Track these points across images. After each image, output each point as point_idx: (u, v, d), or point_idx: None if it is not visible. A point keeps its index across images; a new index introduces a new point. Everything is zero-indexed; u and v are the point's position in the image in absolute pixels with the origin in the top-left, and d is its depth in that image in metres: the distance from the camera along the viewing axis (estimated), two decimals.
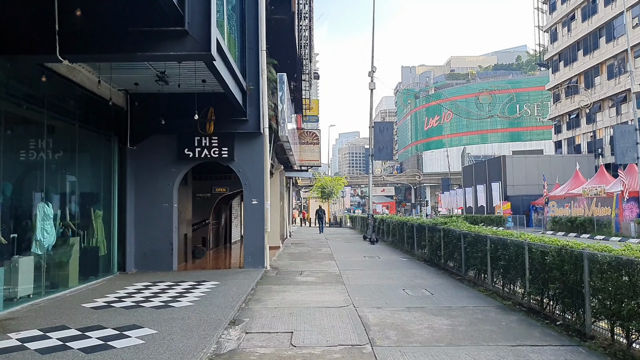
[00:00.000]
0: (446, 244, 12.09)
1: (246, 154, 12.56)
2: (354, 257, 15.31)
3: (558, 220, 30.06)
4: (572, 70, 51.77)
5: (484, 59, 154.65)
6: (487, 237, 9.23)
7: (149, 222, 12.38)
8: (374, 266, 13.13)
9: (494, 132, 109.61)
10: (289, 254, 16.68)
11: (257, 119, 12.26)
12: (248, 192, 12.55)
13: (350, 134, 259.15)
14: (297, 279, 11.00)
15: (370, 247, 18.97)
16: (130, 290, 9.27)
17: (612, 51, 44.79)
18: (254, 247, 12.40)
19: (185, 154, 12.47)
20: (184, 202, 13.80)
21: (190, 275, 11.30)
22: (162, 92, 11.46)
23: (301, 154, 24.33)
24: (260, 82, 12.31)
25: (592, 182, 29.21)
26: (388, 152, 24.32)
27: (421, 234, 14.59)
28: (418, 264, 13.44)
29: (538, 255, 7.15)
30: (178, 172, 12.61)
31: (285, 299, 8.57)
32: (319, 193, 46.19)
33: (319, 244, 21.17)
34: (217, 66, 8.51)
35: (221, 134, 12.41)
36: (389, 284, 10.05)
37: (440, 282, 10.30)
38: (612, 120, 45.79)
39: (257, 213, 12.46)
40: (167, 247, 12.36)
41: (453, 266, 11.80)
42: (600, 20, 46.66)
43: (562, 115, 55.21)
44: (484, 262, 9.48)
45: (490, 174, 46.92)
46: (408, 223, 16.42)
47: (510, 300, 8.17)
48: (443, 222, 12.77)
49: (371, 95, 24.73)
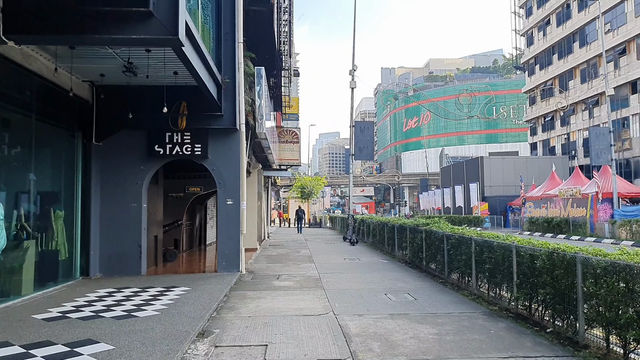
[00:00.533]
0: (428, 246, 11.71)
1: (221, 152, 11.94)
2: (333, 259, 14.83)
3: (535, 220, 30.21)
4: (548, 74, 52.50)
5: (462, 61, 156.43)
6: (472, 239, 8.85)
7: (115, 224, 11.64)
8: (354, 269, 12.66)
9: (471, 134, 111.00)
10: (267, 256, 16.10)
11: (233, 115, 11.66)
12: (222, 191, 11.93)
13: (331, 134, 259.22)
14: (274, 283, 10.44)
15: (351, 249, 18.52)
16: (91, 298, 8.57)
17: (585, 56, 45.53)
18: (229, 250, 11.79)
19: (156, 151, 11.78)
20: (154, 202, 13.09)
21: (160, 280, 10.63)
22: (131, 84, 10.77)
23: (280, 153, 23.73)
24: (236, 75, 11.71)
25: (567, 183, 29.44)
26: (369, 152, 23.95)
27: (402, 235, 14.20)
28: (399, 266, 13.03)
29: (527, 259, 6.78)
30: (148, 170, 11.91)
31: (260, 307, 8.01)
32: (299, 193, 45.67)
33: (298, 245, 20.63)
34: (187, 54, 7.90)
35: (194, 129, 11.76)
36: (370, 288, 9.59)
37: (422, 286, 9.89)
38: (585, 123, 46.54)
39: (232, 214, 11.86)
40: (135, 250, 11.64)
41: (435, 268, 11.42)
42: (574, 25, 47.40)
43: (537, 117, 55.94)
44: (468, 265, 9.10)
45: (468, 174, 47.15)
46: (389, 224, 16.02)
47: (497, 305, 7.79)
48: (425, 223, 12.39)
49: (352, 94, 24.32)
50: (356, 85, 24.53)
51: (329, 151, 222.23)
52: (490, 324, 6.70)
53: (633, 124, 39.05)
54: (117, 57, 9.15)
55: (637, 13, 38.16)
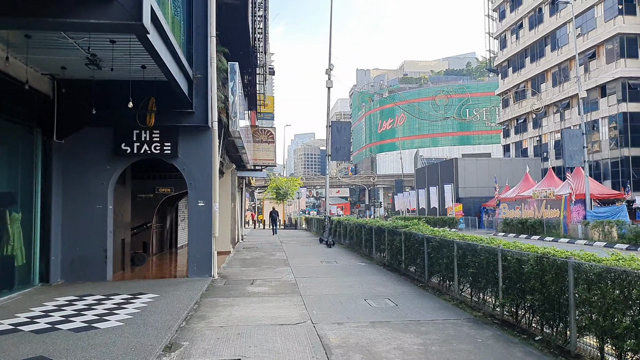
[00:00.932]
0: (407, 249, 11.40)
1: (192, 150, 11.36)
2: (310, 263, 14.38)
3: (509, 222, 30.43)
4: (520, 77, 53.36)
5: (435, 64, 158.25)
6: (454, 242, 8.56)
7: (79, 226, 10.94)
8: (332, 272, 12.25)
9: (444, 136, 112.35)
10: (240, 259, 15.54)
11: (205, 112, 11.10)
12: (194, 192, 11.35)
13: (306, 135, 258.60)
14: (248, 289, 9.93)
15: (327, 251, 18.12)
16: (49, 308, 7.90)
17: (557, 59, 46.41)
18: (200, 253, 11.22)
19: (122, 150, 11.12)
20: (121, 204, 12.40)
21: (126, 287, 9.98)
22: (95, 78, 10.09)
23: (255, 153, 23.17)
24: (208, 71, 11.16)
25: (541, 184, 29.78)
26: (345, 153, 23.63)
27: (380, 238, 13.88)
28: (378, 270, 12.69)
29: (514, 264, 6.49)
30: (114, 169, 11.23)
31: (233, 315, 7.50)
32: (274, 194, 45.06)
33: (273, 247, 20.10)
34: (155, 44, 7.34)
35: (164, 127, 11.15)
36: (349, 294, 9.19)
37: (403, 291, 9.55)
38: (556, 126, 47.45)
39: (203, 216, 11.29)
40: (100, 254, 10.95)
41: (415, 272, 11.12)
42: (546, 29, 48.28)
43: (510, 120, 56.81)
44: (450, 269, 8.81)
45: (442, 176, 47.42)
46: (366, 225, 15.68)
47: (481, 311, 7.50)
48: (404, 225, 12.08)
49: (329, 93, 23.94)
50: (333, 84, 24.17)
51: (304, 152, 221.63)
52: (476, 332, 6.38)
53: (602, 126, 39.96)
54: (78, 47, 8.51)
55: (606, 18, 39.06)
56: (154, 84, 10.39)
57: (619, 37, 37.93)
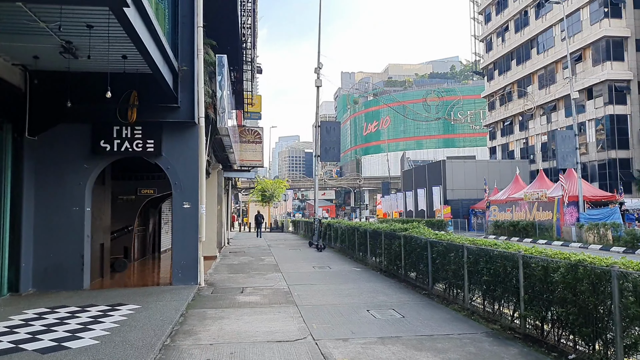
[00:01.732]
0: (408, 253, 10.73)
1: (177, 149, 10.54)
2: (302, 268, 13.63)
3: (500, 224, 30.09)
4: (507, 79, 53.42)
5: (420, 67, 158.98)
6: (464, 246, 7.91)
7: (53, 230, 10.03)
8: (326, 279, 11.52)
9: (429, 138, 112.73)
10: (228, 265, 14.71)
11: (191, 107, 10.30)
12: (179, 193, 10.52)
13: (291, 138, 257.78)
14: (238, 298, 9.14)
15: (318, 255, 17.38)
16: (14, 322, 7.02)
17: (543, 62, 46.51)
18: (185, 259, 10.39)
19: (102, 147, 10.25)
20: (100, 206, 11.51)
21: (105, 296, 9.12)
22: (72, 70, 9.26)
23: (242, 154, 22.34)
24: (195, 63, 10.36)
25: (532, 186, 29.51)
26: (335, 153, 22.92)
27: (376, 241, 13.20)
28: (375, 276, 12.00)
29: (539, 271, 5.85)
30: (92, 169, 10.34)
31: (224, 330, 6.72)
32: (259, 196, 44.14)
33: (261, 252, 19.29)
34: (135, 25, 6.56)
35: (146, 123, 10.31)
36: (349, 303, 8.47)
37: (406, 299, 8.87)
38: (543, 128, 47.54)
39: (189, 219, 10.47)
40: (76, 261, 10.06)
41: (416, 278, 10.46)
42: (532, 32, 48.39)
43: (496, 122, 56.87)
44: (459, 276, 8.16)
45: (430, 178, 47.11)
46: (360, 229, 14.99)
47: (497, 323, 6.85)
48: (403, 228, 11.43)
49: (317, 92, 23.25)
50: (322, 83, 23.51)
51: (289, 154, 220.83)
52: (500, 349, 5.72)
53: (589, 129, 40.04)
54: (51, 34, 7.66)
55: (592, 21, 39.19)
56: (136, 76, 9.59)
57: (605, 40, 38.06)
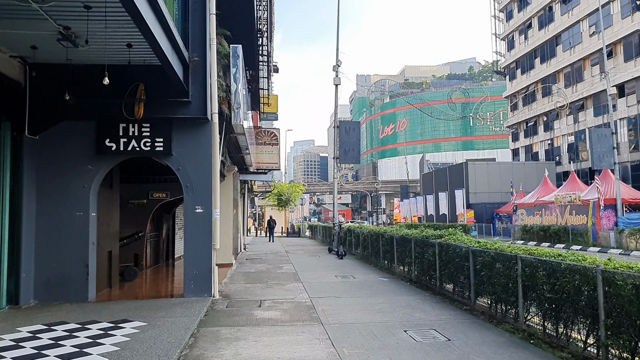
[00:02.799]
0: (444, 263, 9.62)
1: (189, 148, 9.64)
2: (323, 277, 12.61)
3: (529, 229, 28.66)
4: (530, 78, 51.74)
5: (437, 68, 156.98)
6: (518, 257, 6.81)
7: (55, 238, 9.21)
8: (352, 290, 10.47)
9: (447, 141, 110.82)
10: (244, 273, 13.75)
11: (203, 101, 9.39)
12: (190, 197, 9.61)
13: (305, 142, 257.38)
14: (256, 314, 8.16)
15: (340, 263, 16.34)
16: (4, 344, 6.14)
17: (569, 59, 44.82)
18: (198, 269, 9.46)
19: (107, 147, 9.40)
20: (107, 210, 10.67)
21: (109, 311, 8.23)
22: (74, 62, 8.45)
23: (258, 156, 21.47)
24: (207, 54, 9.46)
25: (563, 189, 28.02)
26: (354, 155, 21.87)
27: (405, 249, 12.10)
28: (405, 287, 10.91)
29: (628, 291, 4.73)
30: (97, 170, 9.50)
31: (240, 356, 5.73)
32: (275, 201, 43.30)
33: (279, 259, 18.32)
34: (141, 9, 5.68)
35: (155, 120, 9.44)
36: (382, 322, 7.42)
37: (447, 317, 7.78)
38: (569, 128, 45.79)
39: (202, 224, 9.55)
40: (80, 270, 9.21)
41: (454, 291, 9.36)
42: (557, 28, 46.72)
43: (519, 123, 55.14)
44: (510, 291, 7.06)
45: (451, 181, 45.69)
46: (386, 235, 13.89)
47: (565, 350, 5.73)
48: (437, 235, 10.34)
49: (336, 90, 22.29)
50: (340, 81, 22.54)
51: (304, 159, 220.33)
52: None
53: (620, 128, 38.24)
54: (46, 17, 6.83)
55: (623, 15, 37.49)
56: (142, 69, 8.74)
57: (638, 34, 36.30)
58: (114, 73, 9.08)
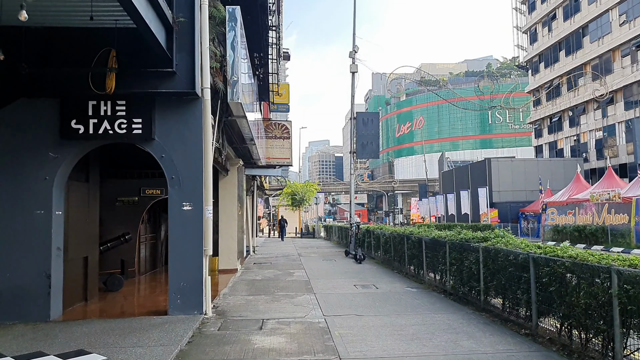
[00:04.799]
0: (492, 273, 7.67)
1: (174, 130, 7.86)
2: (340, 287, 10.72)
3: (561, 229, 26.38)
4: (554, 72, 49.23)
5: (454, 66, 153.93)
6: (611, 269, 4.87)
7: (8, 242, 7.51)
8: (375, 305, 8.56)
9: (465, 139, 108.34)
10: (249, 282, 11.92)
11: (191, 73, 7.60)
12: (176, 191, 7.84)
13: (320, 142, 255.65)
14: (255, 341, 6.30)
15: (358, 268, 14.43)
16: None
17: (597, 50, 42.27)
18: (185, 280, 7.67)
19: (73, 129, 7.66)
20: (81, 209, 8.93)
21: (68, 335, 6.46)
22: (31, 25, 6.74)
23: (269, 151, 19.70)
24: (196, 14, 7.68)
25: (599, 185, 25.66)
26: (373, 149, 19.96)
27: (437, 254, 10.15)
28: (440, 300, 8.97)
29: None
30: (63, 159, 7.76)
31: None
32: (289, 200, 41.53)
33: (290, 263, 16.47)
34: None
35: (132, 96, 7.68)
36: (422, 355, 5.51)
37: (506, 347, 5.83)
38: (597, 123, 43.22)
39: (190, 225, 7.76)
40: (40, 283, 7.49)
41: (505, 307, 7.43)
42: (584, 19, 44.17)
43: (543, 118, 52.57)
44: (596, 315, 5.12)
45: (473, 179, 43.45)
46: (413, 237, 11.93)
47: None
48: (480, 238, 8.40)
49: (353, 79, 20.40)
50: (357, 69, 20.64)
51: (319, 159, 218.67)
52: None
53: None
54: None
55: None
56: (114, 32, 6.99)
57: None
58: (81, 38, 7.37)
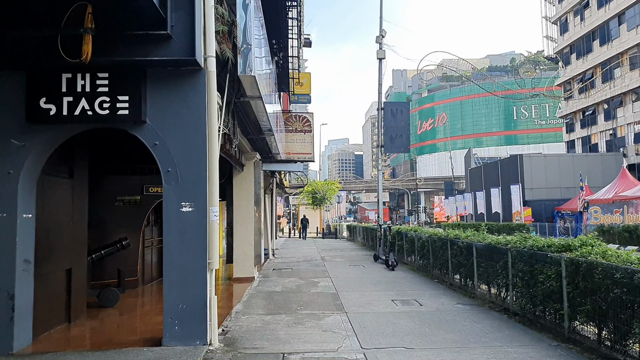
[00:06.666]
0: (581, 293, 5.81)
1: (170, 110, 6.20)
2: (376, 303, 8.93)
3: (607, 229, 24.08)
4: (587, 63, 46.50)
5: (476, 62, 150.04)
6: None
7: None
8: (425, 331, 6.76)
9: (489, 135, 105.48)
10: (266, 294, 10.23)
11: (191, 37, 5.92)
12: (173, 187, 6.19)
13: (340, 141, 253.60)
14: None
15: (392, 277, 12.62)
16: None
17: (635, 39, 39.49)
18: (185, 301, 6.01)
19: (43, 110, 6.06)
20: (60, 210, 7.35)
21: None
22: None
23: (289, 145, 18.04)
24: None
25: None
26: (403, 142, 18.10)
27: (496, 264, 8.28)
28: (506, 324, 7.12)
29: None
30: (31, 147, 6.18)
31: None
32: (310, 199, 39.88)
33: (313, 269, 14.73)
34: None
35: (117, 66, 6.04)
36: None
37: None
38: (636, 116, 40.46)
39: (190, 232, 6.10)
40: (2, 305, 5.91)
41: (603, 339, 5.57)
42: (620, 5, 41.41)
43: (574, 112, 49.82)
44: None
45: (503, 176, 41.15)
46: (459, 242, 10.06)
47: None
48: (559, 246, 6.54)
49: (380, 65, 18.57)
50: (385, 55, 18.81)
51: (338, 157, 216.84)
52: None
53: None
54: None
55: None
56: None
57: None
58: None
